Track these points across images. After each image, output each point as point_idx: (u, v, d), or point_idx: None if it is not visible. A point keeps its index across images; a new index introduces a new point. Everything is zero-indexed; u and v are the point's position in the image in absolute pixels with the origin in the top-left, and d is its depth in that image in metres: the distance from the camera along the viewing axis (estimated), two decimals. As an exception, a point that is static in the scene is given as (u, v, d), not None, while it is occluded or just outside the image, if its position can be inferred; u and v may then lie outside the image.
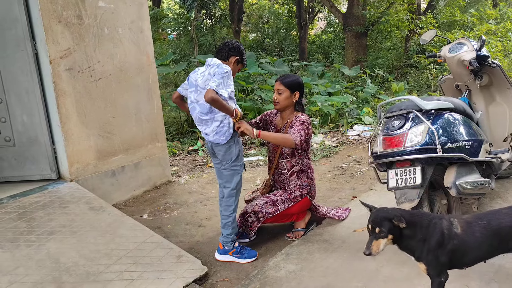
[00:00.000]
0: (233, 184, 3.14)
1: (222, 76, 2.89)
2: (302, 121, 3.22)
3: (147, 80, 4.67)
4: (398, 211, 2.17)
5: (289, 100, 3.31)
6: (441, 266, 2.13)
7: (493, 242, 2.11)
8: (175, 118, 8.09)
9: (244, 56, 3.19)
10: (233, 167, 3.12)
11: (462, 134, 3.12)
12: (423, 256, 2.15)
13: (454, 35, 11.82)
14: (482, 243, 2.11)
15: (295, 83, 3.30)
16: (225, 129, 3.04)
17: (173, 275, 2.79)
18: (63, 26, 3.81)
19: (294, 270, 2.87)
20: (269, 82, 8.72)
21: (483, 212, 2.25)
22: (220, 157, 3.13)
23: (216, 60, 3.05)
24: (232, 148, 3.08)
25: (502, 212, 2.17)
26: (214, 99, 2.83)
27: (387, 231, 2.10)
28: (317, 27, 23.36)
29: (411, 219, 2.15)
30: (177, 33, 19.77)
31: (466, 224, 2.14)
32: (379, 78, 11.70)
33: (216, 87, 2.85)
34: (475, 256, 2.15)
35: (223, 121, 3.03)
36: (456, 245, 2.11)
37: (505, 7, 19.49)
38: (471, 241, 2.11)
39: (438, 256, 2.11)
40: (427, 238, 2.13)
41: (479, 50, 3.64)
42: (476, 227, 2.12)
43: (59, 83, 3.81)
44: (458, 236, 2.11)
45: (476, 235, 2.10)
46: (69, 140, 3.93)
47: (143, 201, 4.52)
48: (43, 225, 3.20)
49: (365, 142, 6.49)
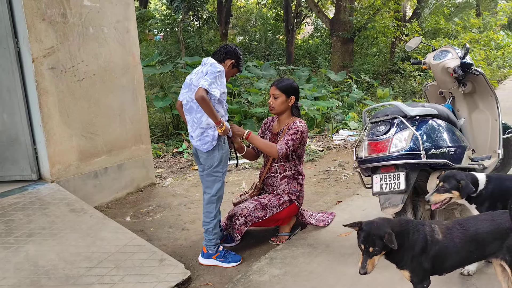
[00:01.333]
0: (214, 190, 3.08)
1: (215, 75, 2.85)
2: (296, 129, 3.21)
3: (132, 81, 4.62)
4: (387, 225, 2.11)
5: (285, 105, 3.31)
6: (424, 272, 2.14)
7: (471, 248, 2.13)
8: (160, 119, 8.03)
9: (240, 61, 3.16)
10: (215, 173, 3.06)
11: (445, 140, 3.16)
12: (407, 263, 2.15)
13: (439, 43, 12.02)
14: (461, 249, 2.13)
15: (290, 88, 3.30)
16: (207, 139, 2.99)
17: (155, 279, 2.75)
18: (46, 24, 3.74)
19: (278, 275, 2.85)
20: (256, 85, 8.71)
21: (462, 218, 2.27)
22: (203, 160, 3.09)
23: (211, 59, 3.02)
24: (215, 153, 3.02)
25: (479, 218, 2.20)
26: (204, 99, 2.78)
27: (381, 249, 2.08)
28: (304, 32, 23.49)
29: (399, 229, 2.14)
30: (164, 34, 19.66)
31: (447, 230, 2.16)
32: (365, 83, 11.80)
33: (208, 86, 2.80)
34: (454, 262, 2.17)
35: (206, 131, 2.98)
36: (438, 251, 2.12)
37: (488, 16, 19.91)
38: (451, 247, 2.12)
39: (421, 262, 2.12)
40: (412, 246, 2.13)
41: (463, 58, 3.69)
42: (456, 233, 2.14)
43: (41, 82, 3.74)
44: (440, 242, 2.13)
45: (455, 241, 2.12)
46: (50, 140, 3.85)
47: (126, 204, 4.46)
48: (22, 227, 3.13)
49: (350, 147, 6.52)
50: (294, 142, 3.18)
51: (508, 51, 16.55)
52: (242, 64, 3.22)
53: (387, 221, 2.18)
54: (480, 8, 21.00)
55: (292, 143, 3.16)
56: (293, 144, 3.17)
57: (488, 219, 2.16)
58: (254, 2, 24.44)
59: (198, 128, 3.00)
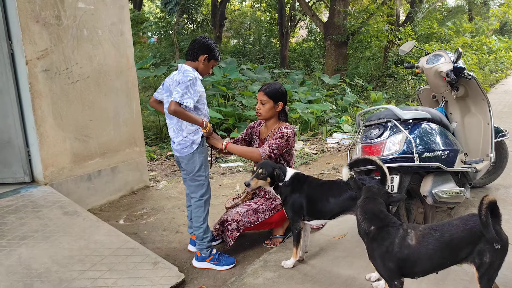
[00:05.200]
0: (198, 195, 3.09)
1: (186, 85, 2.84)
2: (282, 134, 3.17)
3: (126, 83, 4.61)
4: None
5: (272, 111, 3.29)
6: (389, 271, 2.17)
7: (444, 253, 2.13)
8: (154, 122, 8.01)
9: (214, 51, 3.06)
10: (197, 177, 3.06)
11: (438, 143, 3.18)
12: (373, 256, 2.22)
13: (432, 47, 12.11)
14: (434, 256, 2.12)
15: (278, 93, 3.25)
16: (187, 144, 3.01)
17: (149, 282, 2.74)
18: (40, 27, 3.73)
19: (272, 277, 2.85)
20: (250, 88, 8.73)
21: (438, 223, 2.26)
22: (184, 165, 3.10)
23: (185, 66, 2.99)
24: (195, 157, 3.02)
25: (453, 224, 2.18)
26: (177, 112, 2.83)
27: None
28: (298, 35, 23.59)
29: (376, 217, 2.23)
30: (158, 36, 19.66)
31: (422, 236, 2.15)
32: (359, 87, 11.87)
33: (180, 99, 2.82)
34: (426, 267, 2.17)
35: (187, 136, 3.00)
36: (407, 255, 2.13)
37: (480, 21, 20.10)
38: (423, 252, 2.12)
39: (385, 260, 2.16)
40: (380, 241, 2.17)
41: (455, 62, 3.73)
42: (430, 239, 2.13)
43: (35, 84, 3.72)
44: (410, 247, 2.13)
45: (429, 247, 2.12)
46: (44, 142, 3.83)
47: (119, 206, 4.44)
48: (14, 229, 3.10)
49: (344, 150, 6.55)
50: (279, 146, 3.14)
51: (500, 55, 16.71)
52: (218, 53, 3.11)
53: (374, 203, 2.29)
54: (472, 13, 21.23)
55: (276, 146, 3.13)
56: (277, 147, 3.13)
57: (461, 224, 2.15)
58: (248, 5, 24.52)
59: (181, 135, 3.02)
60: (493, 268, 2.10)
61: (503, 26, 24.34)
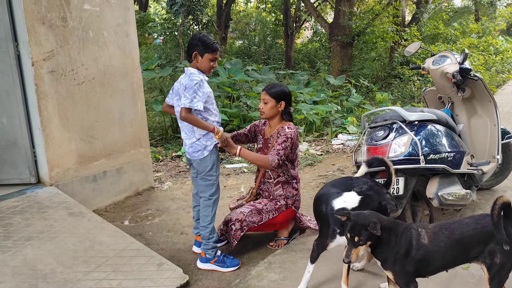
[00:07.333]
0: (208, 194, 3.10)
1: (193, 90, 2.87)
2: (286, 136, 3.17)
3: (131, 85, 4.62)
4: (375, 217, 2.15)
5: (274, 110, 3.29)
6: (407, 275, 2.14)
7: (456, 252, 2.13)
8: (159, 123, 8.02)
9: (204, 43, 2.95)
10: (208, 177, 3.08)
11: (444, 145, 3.16)
12: (390, 265, 2.17)
13: (438, 48, 12.05)
14: (446, 253, 2.12)
15: (280, 93, 3.26)
16: (199, 148, 3.04)
17: (153, 283, 2.74)
18: (46, 28, 3.74)
19: (276, 279, 2.84)
20: (255, 89, 8.72)
21: (448, 222, 2.26)
22: (196, 165, 3.12)
23: (190, 69, 3.00)
24: (207, 157, 3.05)
25: (464, 222, 2.19)
26: (187, 118, 2.88)
27: (366, 239, 2.10)
28: (304, 36, 23.56)
29: (387, 225, 2.16)
30: (163, 38, 19.71)
31: (433, 234, 2.16)
32: (364, 88, 11.82)
33: (189, 104, 2.85)
34: (438, 266, 2.17)
35: (200, 139, 3.02)
36: (422, 256, 2.12)
37: (487, 21, 19.98)
38: (435, 251, 2.12)
39: (405, 265, 2.13)
40: (397, 247, 2.14)
41: (462, 63, 3.70)
42: (441, 237, 2.13)
43: (41, 86, 3.74)
44: (425, 247, 2.13)
45: (440, 245, 2.12)
46: (49, 143, 3.85)
47: (124, 207, 4.45)
48: (20, 230, 3.12)
49: (349, 151, 6.52)
50: (285, 150, 3.16)
51: (507, 56, 16.59)
52: (211, 44, 2.97)
53: (376, 214, 2.21)
54: (479, 13, 21.09)
55: (283, 152, 3.15)
56: (284, 152, 3.16)
57: (472, 223, 2.16)
58: (253, 6, 24.55)
59: (194, 136, 3.04)
60: (504, 270, 2.10)
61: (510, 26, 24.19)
